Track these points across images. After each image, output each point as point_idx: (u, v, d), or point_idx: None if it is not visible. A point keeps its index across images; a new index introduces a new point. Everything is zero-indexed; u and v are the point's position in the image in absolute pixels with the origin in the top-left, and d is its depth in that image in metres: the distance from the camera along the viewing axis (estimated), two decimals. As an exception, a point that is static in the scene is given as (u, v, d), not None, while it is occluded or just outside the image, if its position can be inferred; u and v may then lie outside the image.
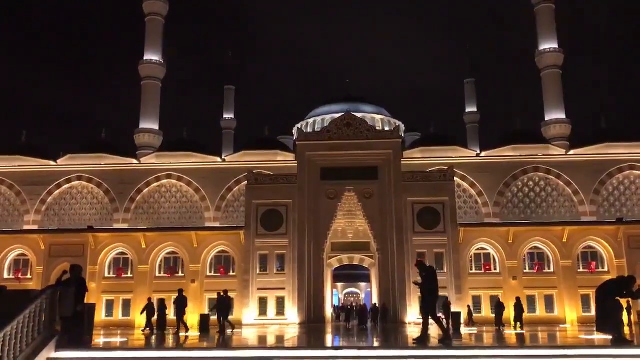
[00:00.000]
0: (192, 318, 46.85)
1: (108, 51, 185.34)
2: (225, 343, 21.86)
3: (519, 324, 36.66)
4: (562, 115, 72.39)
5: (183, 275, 49.68)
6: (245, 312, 46.88)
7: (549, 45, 74.37)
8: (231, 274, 49.76)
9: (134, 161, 60.77)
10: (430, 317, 18.26)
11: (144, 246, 49.61)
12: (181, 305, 32.57)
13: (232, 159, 60.90)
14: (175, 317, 32.74)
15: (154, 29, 76.80)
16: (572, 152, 58.50)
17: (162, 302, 35.90)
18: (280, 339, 24.99)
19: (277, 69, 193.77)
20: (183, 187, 57.62)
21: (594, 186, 54.60)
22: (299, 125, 79.32)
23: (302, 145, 50.55)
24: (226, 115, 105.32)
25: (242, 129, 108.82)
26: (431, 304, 18.41)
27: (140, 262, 49.49)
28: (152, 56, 75.47)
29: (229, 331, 30.83)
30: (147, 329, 35.43)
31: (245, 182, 51.20)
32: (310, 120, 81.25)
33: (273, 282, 47.63)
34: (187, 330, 31.13)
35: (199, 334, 31.01)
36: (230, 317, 36.72)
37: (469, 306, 45.55)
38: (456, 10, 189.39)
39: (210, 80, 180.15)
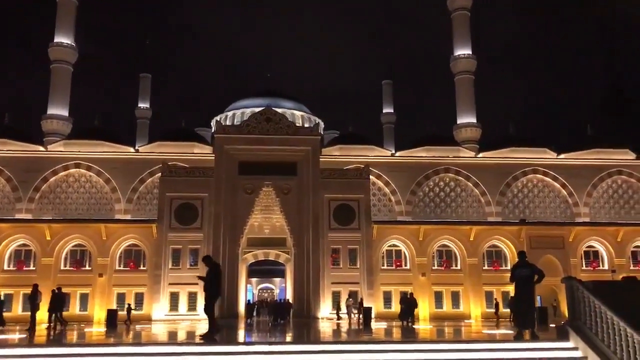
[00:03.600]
0: (99, 313, 45.35)
1: (15, 31, 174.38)
2: (58, 340, 21.16)
3: (410, 319, 35.62)
4: (473, 120, 75.73)
5: (90, 268, 47.83)
6: (156, 308, 45.74)
7: (463, 51, 77.49)
8: (142, 268, 48.38)
9: (40, 148, 57.57)
10: (207, 312, 18.32)
11: (48, 238, 47.27)
12: (34, 300, 30.64)
13: (146, 149, 59.04)
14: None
15: (66, 10, 73.12)
16: (480, 154, 61.24)
17: None
18: (191, 334, 24.54)
19: (197, 60, 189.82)
20: (92, 177, 55.23)
21: (500, 188, 57.41)
22: (217, 118, 78.10)
23: (221, 138, 49.87)
24: (141, 104, 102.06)
25: (158, 120, 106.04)
26: (210, 300, 18.42)
27: (44, 254, 47.10)
28: (63, 39, 71.84)
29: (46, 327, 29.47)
30: None
31: (159, 174, 49.87)
32: (230, 114, 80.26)
33: (186, 277, 46.66)
34: (63, 325, 28.94)
35: (105, 329, 29.84)
36: (139, 312, 35.71)
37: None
38: (376, 13, 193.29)
39: (125, 67, 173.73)
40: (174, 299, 46.46)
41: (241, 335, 24.68)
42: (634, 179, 58.51)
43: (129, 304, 42.22)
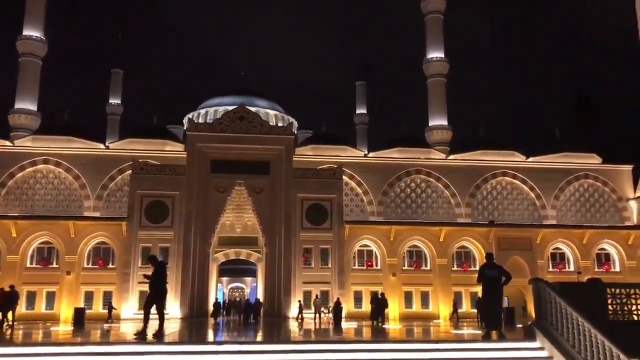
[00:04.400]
0: (66, 312, 44.64)
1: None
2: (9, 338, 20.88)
3: (380, 318, 36.03)
4: (444, 122, 76.61)
5: (58, 266, 47.05)
6: (125, 306, 45.14)
7: (435, 54, 78.30)
8: (110, 266, 47.74)
9: (7, 143, 56.30)
10: (148, 310, 18.20)
11: (14, 235, 46.35)
12: None
13: (117, 146, 58.24)
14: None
15: (35, 1, 71.63)
16: (451, 156, 61.96)
17: None
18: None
19: (170, 57, 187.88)
20: (61, 173, 54.23)
21: (469, 190, 58.15)
22: (190, 115, 77.43)
23: (193, 136, 49.47)
24: (112, 100, 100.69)
25: (129, 116, 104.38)
26: (154, 299, 18.27)
27: (9, 251, 46.16)
28: (32, 32, 70.35)
29: (5, 325, 28.82)
30: None
31: (130, 171, 49.25)
32: (203, 111, 79.70)
33: (156, 276, 46.16)
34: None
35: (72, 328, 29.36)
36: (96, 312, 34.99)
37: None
38: (351, 14, 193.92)
39: (97, 62, 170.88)
40: (144, 297, 45.78)
41: (211, 334, 24.56)
42: (599, 182, 59.88)
43: (110, 302, 42.90)
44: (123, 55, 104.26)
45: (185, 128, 64.03)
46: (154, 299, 18.33)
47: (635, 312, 16.22)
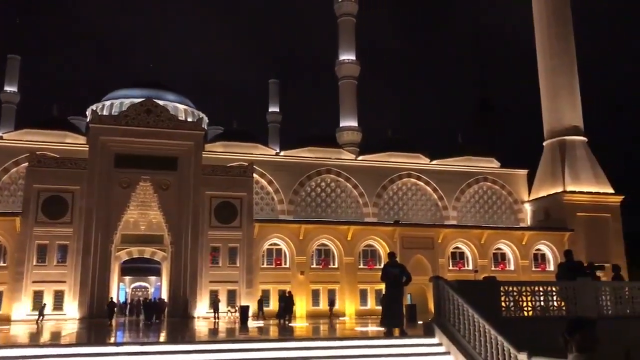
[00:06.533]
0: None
1: None
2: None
3: (287, 317, 36.32)
4: (355, 123, 78.16)
5: (-60, 265, 43.44)
6: (17, 307, 42.48)
7: (347, 56, 79.65)
8: (2, 264, 44.72)
9: None
10: None
11: None
12: None
13: (12, 137, 54.67)
14: None
15: None
16: (360, 157, 63.25)
17: None
18: (56, 335, 23.08)
19: (74, 45, 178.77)
20: (-53, 164, 50.16)
21: (377, 190, 59.62)
22: (93, 107, 73.66)
23: (96, 128, 47.37)
24: (8, 88, 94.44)
25: (27, 105, 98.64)
26: None
27: None
28: None
29: None
30: None
31: (26, 164, 46.39)
32: (107, 103, 76.30)
33: (52, 275, 43.86)
34: None
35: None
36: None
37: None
38: (265, 12, 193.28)
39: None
40: (38, 297, 43.40)
41: (112, 335, 23.62)
42: (497, 185, 63.30)
43: (45, 304, 41.30)
44: (21, 40, 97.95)
45: (88, 120, 61.15)
46: None
47: (525, 309, 17.24)
